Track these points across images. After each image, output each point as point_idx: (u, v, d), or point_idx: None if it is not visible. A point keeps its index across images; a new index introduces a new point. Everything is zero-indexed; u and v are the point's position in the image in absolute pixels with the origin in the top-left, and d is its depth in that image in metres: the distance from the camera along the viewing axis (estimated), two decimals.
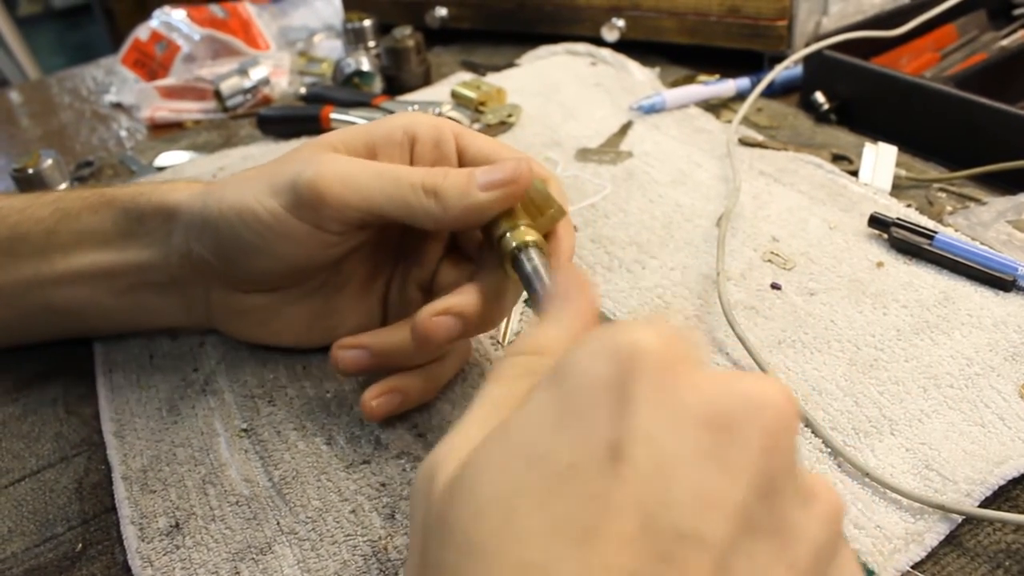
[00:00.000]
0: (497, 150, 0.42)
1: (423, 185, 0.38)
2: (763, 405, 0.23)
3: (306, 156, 0.40)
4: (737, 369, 0.44)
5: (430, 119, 0.43)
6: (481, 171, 0.38)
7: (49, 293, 0.45)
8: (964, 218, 0.54)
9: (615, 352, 0.24)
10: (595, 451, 0.22)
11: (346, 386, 0.45)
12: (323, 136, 0.42)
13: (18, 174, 0.65)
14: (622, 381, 0.23)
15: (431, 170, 0.39)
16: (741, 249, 0.53)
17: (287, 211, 0.39)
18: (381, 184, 0.38)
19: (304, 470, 0.40)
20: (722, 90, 0.73)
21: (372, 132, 0.42)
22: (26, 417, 0.47)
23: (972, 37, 0.80)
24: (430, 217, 0.38)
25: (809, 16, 0.76)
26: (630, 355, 0.24)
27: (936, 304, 0.47)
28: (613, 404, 0.23)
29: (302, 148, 0.42)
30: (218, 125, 0.81)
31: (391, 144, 0.42)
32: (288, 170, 0.39)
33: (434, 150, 0.42)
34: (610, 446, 0.22)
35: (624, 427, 0.23)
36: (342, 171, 0.39)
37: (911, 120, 0.63)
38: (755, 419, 0.23)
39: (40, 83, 1.08)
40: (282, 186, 0.39)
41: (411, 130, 0.42)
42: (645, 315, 0.26)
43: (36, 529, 0.40)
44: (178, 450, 0.42)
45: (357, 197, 0.38)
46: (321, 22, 1.07)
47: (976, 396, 0.41)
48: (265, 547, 0.37)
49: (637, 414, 0.23)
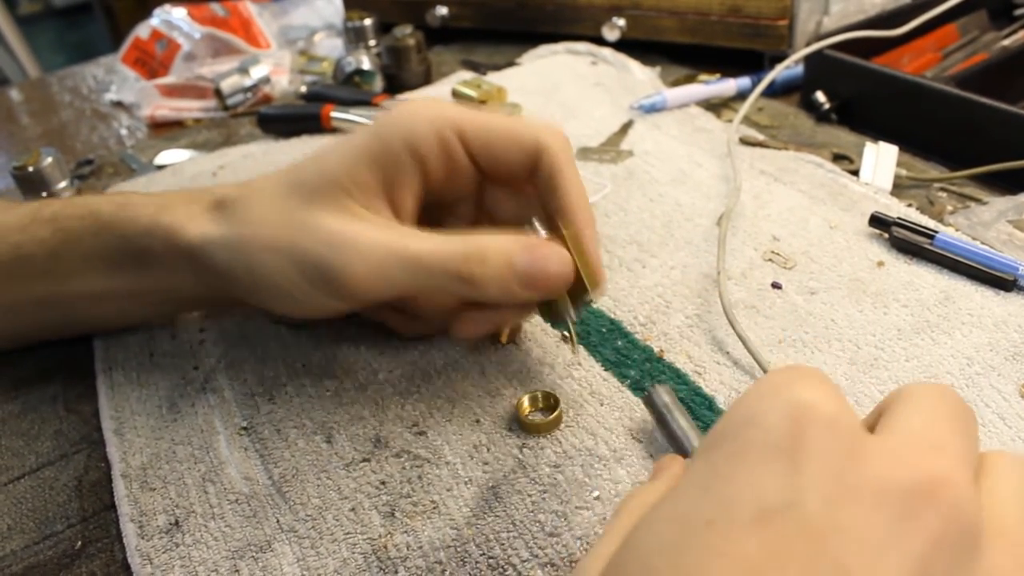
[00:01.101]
0: (509, 140, 0.41)
1: (458, 276, 0.37)
2: (943, 486, 0.21)
3: (328, 229, 0.38)
4: (739, 370, 0.44)
5: (430, 124, 0.40)
6: (521, 262, 0.37)
7: (67, 309, 0.46)
8: (965, 218, 0.54)
9: (789, 410, 0.23)
10: (740, 510, 0.21)
11: (346, 384, 0.45)
12: (332, 172, 0.39)
13: (18, 172, 0.65)
14: (794, 441, 0.22)
15: (467, 255, 0.37)
16: (742, 248, 0.53)
17: (318, 290, 0.39)
18: (410, 274, 0.38)
19: (304, 468, 0.40)
20: (723, 89, 0.73)
21: (377, 160, 0.40)
22: (26, 415, 0.46)
23: (973, 37, 0.80)
24: (466, 297, 0.38)
25: (810, 16, 0.76)
26: (803, 415, 0.22)
27: (937, 303, 0.47)
28: (777, 464, 0.22)
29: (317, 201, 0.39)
30: (218, 123, 0.81)
31: (400, 172, 0.40)
32: (312, 249, 0.38)
33: (446, 163, 0.41)
34: (759, 508, 0.21)
35: (784, 491, 0.21)
36: (369, 260, 0.37)
37: (912, 120, 0.63)
38: (928, 504, 0.21)
39: (40, 81, 1.07)
40: (309, 269, 0.38)
41: (415, 148, 0.40)
42: (798, 367, 0.25)
43: (36, 526, 0.40)
44: (178, 448, 0.42)
45: (387, 287, 0.38)
46: (322, 21, 1.07)
47: (976, 395, 0.41)
48: (265, 545, 0.37)
49: (802, 479, 0.21)
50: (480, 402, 0.43)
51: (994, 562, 0.21)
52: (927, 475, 0.21)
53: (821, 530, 0.21)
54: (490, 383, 0.44)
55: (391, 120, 0.40)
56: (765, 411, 0.23)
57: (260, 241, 0.40)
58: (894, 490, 0.21)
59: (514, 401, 0.43)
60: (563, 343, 0.46)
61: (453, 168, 0.42)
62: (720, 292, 0.47)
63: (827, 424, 0.22)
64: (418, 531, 0.37)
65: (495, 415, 0.42)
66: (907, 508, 0.21)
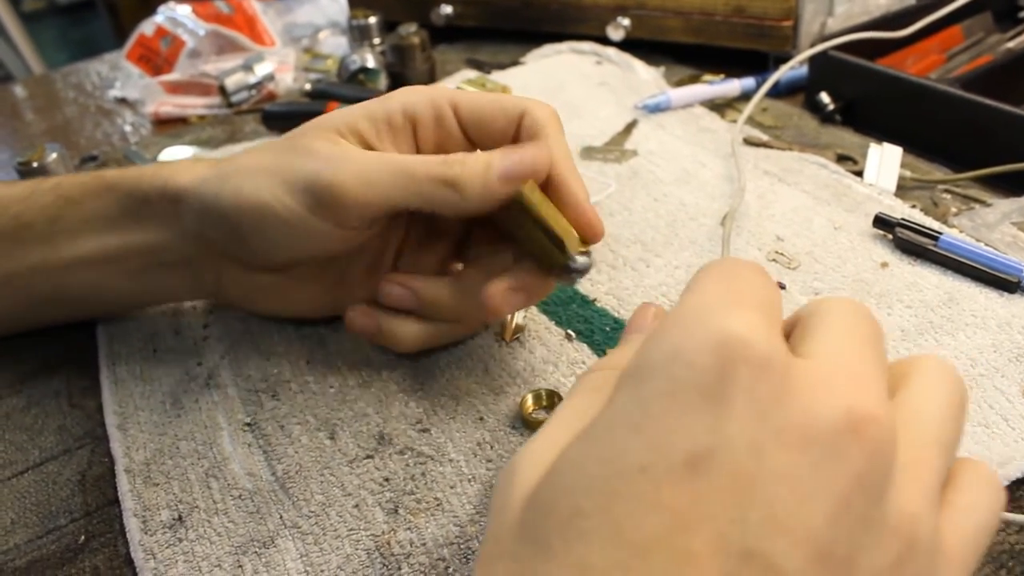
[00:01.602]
0: (496, 108, 0.42)
1: (442, 178, 0.38)
2: (866, 423, 0.22)
3: (319, 151, 0.40)
4: None
5: (427, 95, 0.42)
6: (499, 158, 0.38)
7: (57, 279, 0.45)
8: (969, 219, 0.54)
9: (717, 347, 0.22)
10: (672, 457, 0.21)
11: (350, 381, 0.45)
12: (327, 119, 0.41)
13: (23, 167, 0.65)
14: (721, 383, 0.22)
15: (448, 160, 0.38)
16: (746, 248, 0.53)
17: (307, 211, 0.39)
18: (399, 181, 0.38)
19: (307, 464, 0.40)
20: (727, 90, 0.73)
21: (373, 115, 0.41)
22: (29, 409, 0.47)
23: (978, 39, 0.80)
24: (450, 206, 0.38)
25: (815, 17, 0.76)
26: (732, 354, 0.22)
27: (941, 305, 0.47)
28: (705, 409, 0.22)
29: (309, 134, 0.41)
30: (222, 120, 0.81)
31: (393, 129, 0.42)
32: (303, 166, 0.39)
33: (437, 129, 0.42)
34: (689, 454, 0.21)
35: (711, 436, 0.21)
36: (359, 171, 0.38)
37: (916, 121, 0.63)
38: (852, 443, 0.21)
39: (45, 78, 1.08)
40: (299, 185, 0.39)
41: (411, 112, 0.42)
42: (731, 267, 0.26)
43: (39, 521, 0.40)
44: (181, 443, 0.42)
45: (378, 197, 0.38)
46: (326, 19, 1.07)
47: (980, 397, 0.41)
48: (268, 541, 0.37)
49: (729, 424, 0.21)
50: (484, 400, 0.43)
51: (903, 494, 0.22)
52: (851, 411, 0.22)
53: (749, 476, 0.21)
54: (494, 381, 0.44)
55: (391, 93, 0.43)
56: (694, 347, 0.22)
57: (250, 168, 0.41)
58: (819, 430, 0.22)
59: (518, 399, 0.43)
60: (566, 341, 0.46)
61: (444, 136, 0.43)
62: None
63: (755, 365, 0.22)
64: (421, 528, 0.37)
65: (499, 413, 0.42)
66: (832, 448, 0.21)
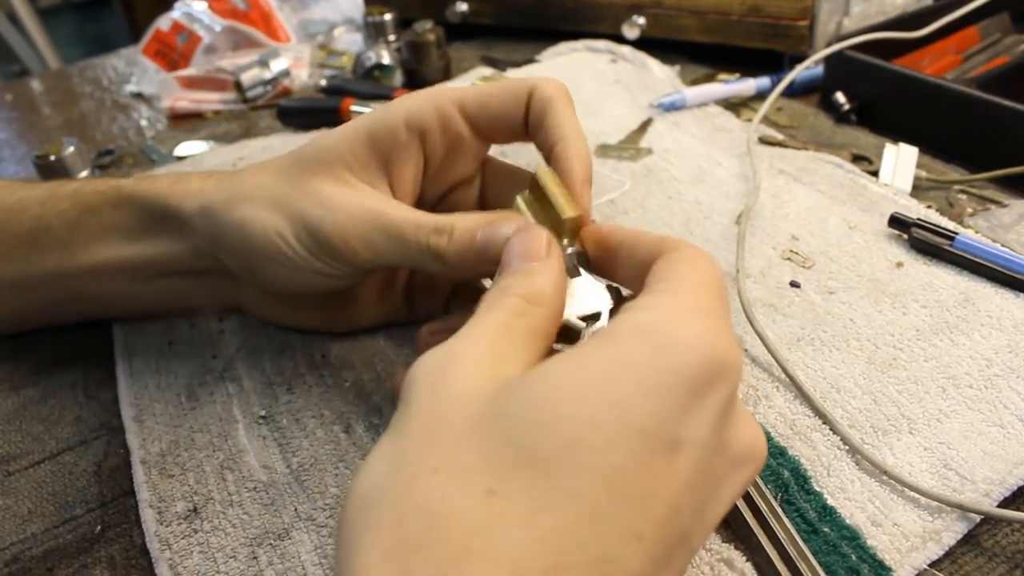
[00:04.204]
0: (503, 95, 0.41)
1: (429, 248, 0.37)
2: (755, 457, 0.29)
3: (327, 197, 0.39)
4: (758, 367, 0.44)
5: (430, 102, 0.41)
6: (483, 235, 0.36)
7: (74, 284, 0.46)
8: (985, 220, 0.54)
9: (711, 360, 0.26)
10: (663, 434, 0.24)
11: (364, 375, 0.45)
12: (335, 148, 0.40)
13: (40, 161, 0.66)
14: (706, 386, 0.25)
15: (439, 228, 0.37)
16: (760, 247, 0.53)
17: (310, 255, 0.39)
18: (396, 247, 0.38)
19: (322, 457, 0.40)
20: (742, 89, 0.73)
21: (377, 138, 0.40)
22: (46, 400, 0.47)
23: (995, 40, 0.79)
24: (437, 272, 0.38)
25: (831, 16, 0.76)
26: (721, 368, 0.26)
27: (956, 305, 0.46)
28: (692, 401, 0.25)
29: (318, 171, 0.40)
30: (238, 116, 0.82)
31: (399, 147, 0.40)
32: (308, 211, 0.39)
33: (444, 134, 0.41)
34: (672, 439, 0.24)
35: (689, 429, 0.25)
36: (360, 230, 0.38)
37: (932, 121, 0.63)
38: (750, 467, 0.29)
39: (61, 73, 1.08)
40: (304, 230, 0.39)
41: (416, 123, 0.40)
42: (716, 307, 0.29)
43: (55, 511, 0.40)
44: (196, 435, 0.43)
45: (376, 256, 0.38)
46: (341, 15, 1.07)
47: (995, 397, 0.41)
48: (283, 533, 0.37)
49: (704, 424, 0.25)
50: None
51: None
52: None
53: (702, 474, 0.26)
54: None
55: (393, 103, 0.41)
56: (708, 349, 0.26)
57: (256, 198, 0.40)
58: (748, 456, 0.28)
59: None
60: None
61: (454, 141, 0.42)
62: (739, 290, 0.47)
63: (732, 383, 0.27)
64: None
65: None
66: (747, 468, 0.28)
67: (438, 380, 0.26)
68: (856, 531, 0.35)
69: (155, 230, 0.44)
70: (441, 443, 0.24)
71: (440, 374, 0.26)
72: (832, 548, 0.34)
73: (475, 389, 0.25)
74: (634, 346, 0.26)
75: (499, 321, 0.29)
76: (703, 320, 0.26)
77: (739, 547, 0.35)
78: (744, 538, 0.35)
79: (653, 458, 0.24)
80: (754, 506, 0.35)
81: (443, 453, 0.24)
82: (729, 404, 0.27)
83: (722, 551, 0.35)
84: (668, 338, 0.26)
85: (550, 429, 0.24)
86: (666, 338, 0.26)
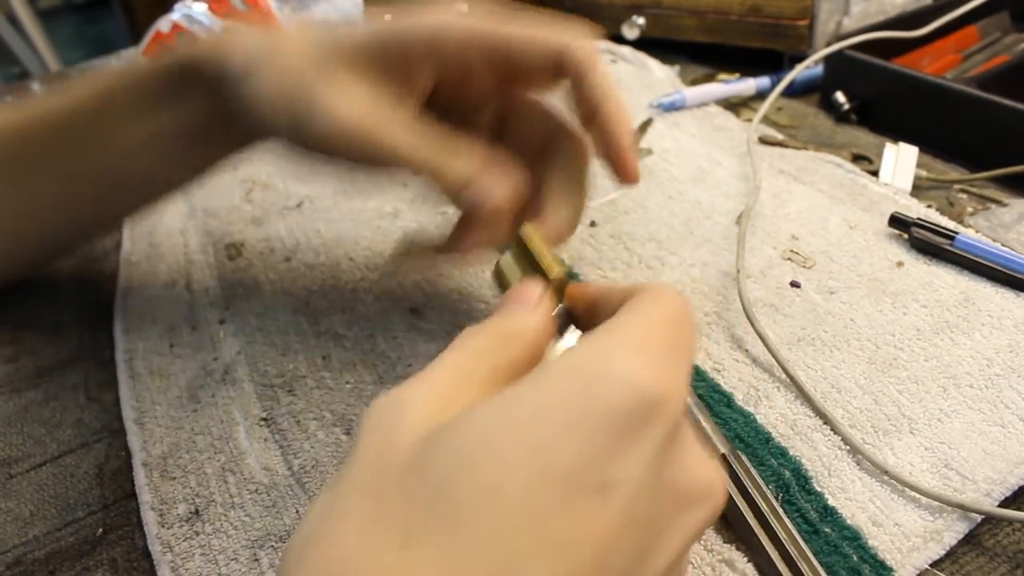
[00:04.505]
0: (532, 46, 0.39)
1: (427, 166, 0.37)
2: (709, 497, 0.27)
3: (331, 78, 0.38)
4: (758, 367, 0.44)
5: (461, 30, 0.39)
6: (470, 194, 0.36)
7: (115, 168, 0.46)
8: (985, 219, 0.54)
9: (642, 395, 0.24)
10: (589, 476, 0.23)
11: (366, 377, 0.45)
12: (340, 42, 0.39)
13: None
14: (638, 424, 0.24)
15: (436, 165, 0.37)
16: (761, 247, 0.53)
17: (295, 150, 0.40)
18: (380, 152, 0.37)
19: (324, 460, 0.41)
20: (742, 89, 0.73)
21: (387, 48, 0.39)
22: (47, 403, 0.47)
23: (994, 39, 0.79)
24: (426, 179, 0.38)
25: (830, 16, 0.76)
26: (655, 403, 0.24)
27: (956, 304, 0.46)
28: (622, 440, 0.23)
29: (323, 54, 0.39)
30: None
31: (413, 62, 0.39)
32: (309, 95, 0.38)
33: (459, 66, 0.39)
34: (600, 481, 0.23)
35: (619, 470, 0.23)
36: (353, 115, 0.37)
37: (932, 121, 0.63)
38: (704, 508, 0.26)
39: (62, 74, 1.08)
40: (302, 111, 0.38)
41: (437, 48, 0.39)
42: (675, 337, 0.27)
43: (57, 513, 0.40)
44: (198, 438, 0.43)
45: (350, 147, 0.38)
46: (341, 16, 1.07)
47: (996, 397, 0.41)
48: (285, 535, 0.37)
49: (637, 464, 0.24)
50: None
51: None
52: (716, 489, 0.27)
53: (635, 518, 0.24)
54: None
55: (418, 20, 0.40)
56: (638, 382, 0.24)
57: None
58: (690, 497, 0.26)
59: None
60: None
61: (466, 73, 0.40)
62: (739, 290, 0.47)
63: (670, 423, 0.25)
64: None
65: None
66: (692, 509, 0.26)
67: (385, 424, 0.25)
68: (857, 531, 0.35)
69: (181, 93, 0.43)
70: (368, 493, 0.23)
71: (390, 417, 0.25)
72: (833, 548, 0.34)
73: (415, 433, 0.24)
74: (562, 383, 0.24)
75: (459, 363, 0.27)
76: (640, 354, 0.25)
77: (740, 547, 0.35)
78: (745, 538, 0.35)
79: (578, 502, 0.22)
80: (755, 506, 0.35)
81: (368, 504, 0.23)
82: (669, 441, 0.25)
83: (723, 551, 0.35)
84: (598, 374, 0.24)
85: (467, 474, 0.22)
86: (597, 374, 0.24)
